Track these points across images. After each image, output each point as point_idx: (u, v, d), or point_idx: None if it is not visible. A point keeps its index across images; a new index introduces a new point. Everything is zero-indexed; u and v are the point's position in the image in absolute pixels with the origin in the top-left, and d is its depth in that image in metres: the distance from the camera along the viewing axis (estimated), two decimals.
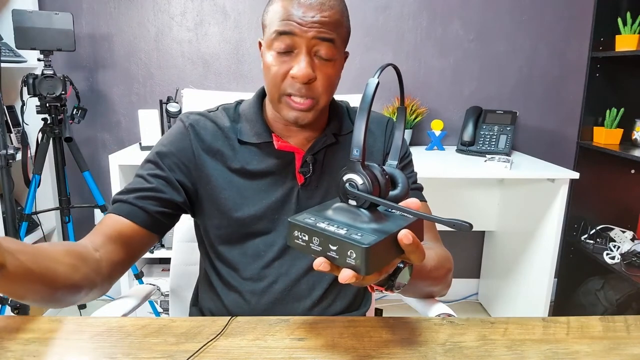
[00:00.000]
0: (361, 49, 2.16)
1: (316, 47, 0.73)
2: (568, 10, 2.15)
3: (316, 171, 0.84)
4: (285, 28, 0.72)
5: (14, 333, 0.65)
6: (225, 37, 2.14)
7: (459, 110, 2.22)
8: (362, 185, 0.56)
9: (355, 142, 0.55)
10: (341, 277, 0.52)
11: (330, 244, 0.52)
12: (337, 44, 0.75)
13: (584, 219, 2.23)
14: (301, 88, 0.74)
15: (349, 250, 0.51)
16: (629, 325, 0.72)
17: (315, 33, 0.72)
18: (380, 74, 0.55)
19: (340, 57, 0.78)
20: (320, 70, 0.75)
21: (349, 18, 0.79)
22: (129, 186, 0.80)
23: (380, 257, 0.53)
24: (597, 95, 2.15)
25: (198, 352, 0.62)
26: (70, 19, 1.75)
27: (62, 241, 1.57)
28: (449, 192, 2.19)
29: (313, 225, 0.54)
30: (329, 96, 0.78)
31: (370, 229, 0.54)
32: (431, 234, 0.87)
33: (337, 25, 0.74)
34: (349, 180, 0.56)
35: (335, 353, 0.62)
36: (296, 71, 0.73)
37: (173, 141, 0.82)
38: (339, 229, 0.53)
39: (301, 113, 0.76)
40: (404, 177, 0.63)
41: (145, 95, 2.17)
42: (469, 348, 0.65)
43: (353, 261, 0.51)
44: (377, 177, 0.56)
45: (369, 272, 0.51)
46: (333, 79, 0.77)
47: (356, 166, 0.56)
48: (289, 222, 0.56)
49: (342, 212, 0.57)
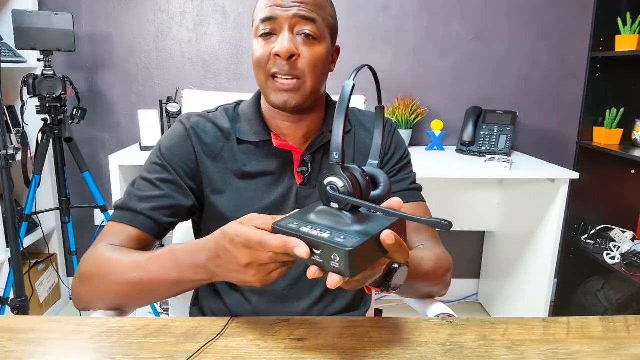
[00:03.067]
0: (361, 49, 2.16)
1: (298, 27, 0.75)
2: (568, 10, 2.15)
3: (314, 170, 0.84)
4: (268, 14, 0.75)
5: (14, 333, 0.65)
6: (225, 37, 2.14)
7: (459, 111, 2.22)
8: (342, 188, 0.56)
9: (334, 146, 0.55)
10: (329, 283, 0.52)
11: (314, 248, 0.53)
12: (319, 25, 0.76)
13: (584, 219, 2.23)
14: (284, 65, 0.75)
15: (332, 254, 0.51)
16: (629, 326, 0.72)
17: (296, 11, 0.74)
18: (356, 75, 0.56)
19: (325, 41, 0.78)
20: (303, 48, 0.76)
21: (334, 9, 0.82)
22: (139, 192, 0.79)
23: (365, 258, 0.53)
24: (597, 95, 2.15)
25: (198, 352, 0.62)
26: (70, 19, 1.75)
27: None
28: (449, 193, 2.19)
29: (296, 230, 0.55)
30: (315, 79, 0.77)
31: (353, 231, 0.54)
32: (430, 234, 0.87)
33: (318, 6, 0.77)
34: (330, 183, 0.57)
35: (335, 353, 0.62)
36: (278, 48, 0.74)
37: (176, 144, 0.82)
38: (322, 233, 0.53)
39: (288, 95, 0.76)
40: (386, 177, 0.63)
41: (145, 95, 2.17)
42: (469, 348, 0.65)
43: (337, 264, 0.51)
44: (358, 179, 0.57)
45: (353, 275, 0.51)
46: (317, 59, 0.77)
47: (336, 169, 0.56)
48: (272, 227, 0.56)
49: (325, 216, 0.57)
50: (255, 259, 0.57)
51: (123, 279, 0.70)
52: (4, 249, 1.81)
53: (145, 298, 0.73)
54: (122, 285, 0.70)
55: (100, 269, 0.72)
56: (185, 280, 0.68)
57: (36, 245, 2.12)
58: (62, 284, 2.27)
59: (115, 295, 0.72)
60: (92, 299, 0.74)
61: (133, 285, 0.70)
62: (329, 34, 0.80)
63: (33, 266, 2.05)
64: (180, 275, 0.67)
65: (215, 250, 0.62)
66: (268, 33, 0.76)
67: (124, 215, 0.78)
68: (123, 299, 0.73)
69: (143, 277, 0.69)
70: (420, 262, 0.74)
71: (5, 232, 1.75)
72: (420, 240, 0.86)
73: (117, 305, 0.74)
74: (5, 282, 1.81)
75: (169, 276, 0.68)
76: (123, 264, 0.71)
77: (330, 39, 0.81)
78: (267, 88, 0.78)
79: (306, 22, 0.75)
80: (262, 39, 0.77)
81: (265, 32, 0.76)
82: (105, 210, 1.89)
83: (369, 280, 0.58)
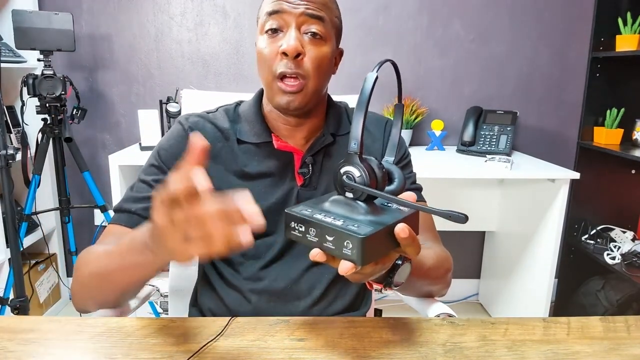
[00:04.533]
0: (361, 49, 2.16)
1: (305, 25, 0.75)
2: (568, 10, 2.15)
3: (315, 172, 0.84)
4: (275, 8, 0.74)
5: (14, 333, 0.65)
6: (225, 37, 2.14)
7: (459, 111, 2.22)
8: (359, 178, 0.56)
9: (354, 135, 0.55)
10: (341, 269, 0.52)
11: (327, 235, 0.53)
12: (326, 24, 0.76)
13: (584, 219, 2.23)
14: (290, 64, 0.74)
15: (345, 241, 0.51)
16: (629, 326, 0.72)
17: (303, 9, 0.74)
18: (379, 68, 0.55)
19: (330, 42, 0.78)
20: (309, 47, 0.75)
21: (339, 11, 0.82)
22: (136, 194, 0.79)
23: (376, 248, 0.53)
24: (598, 96, 2.15)
25: (198, 352, 0.62)
26: (70, 19, 1.75)
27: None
28: (449, 193, 2.19)
29: (310, 216, 0.54)
30: (318, 80, 0.77)
31: (367, 220, 0.54)
32: (430, 234, 0.87)
33: (325, 6, 0.76)
34: (346, 172, 0.57)
35: (335, 353, 0.62)
36: (285, 46, 0.74)
37: (174, 145, 0.82)
38: (336, 220, 0.53)
39: (291, 96, 0.76)
40: (401, 173, 0.63)
41: (145, 95, 2.17)
42: (470, 348, 0.65)
43: (349, 252, 0.51)
44: (375, 170, 0.57)
45: (364, 263, 0.51)
46: (322, 59, 0.77)
47: (354, 159, 0.56)
48: (285, 213, 0.56)
49: (339, 204, 0.57)
50: (166, 214, 0.48)
51: (92, 269, 0.70)
52: (4, 249, 1.81)
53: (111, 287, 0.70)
54: (90, 276, 0.70)
55: (91, 264, 0.72)
56: (132, 262, 0.63)
57: (36, 245, 2.12)
58: (62, 284, 2.27)
59: (102, 292, 0.71)
60: (82, 298, 0.74)
61: (98, 275, 0.69)
62: (335, 35, 0.80)
63: (33, 266, 2.05)
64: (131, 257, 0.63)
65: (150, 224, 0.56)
66: (274, 29, 0.75)
67: (120, 217, 0.78)
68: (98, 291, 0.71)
69: (106, 265, 0.67)
70: (421, 260, 0.74)
71: (5, 232, 1.75)
72: (421, 239, 0.85)
73: (107, 303, 0.74)
74: (5, 282, 1.81)
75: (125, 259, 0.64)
76: (96, 254, 0.71)
77: (335, 41, 0.81)
78: (272, 89, 0.78)
79: (314, 20, 0.75)
80: (267, 35, 0.76)
81: (272, 27, 0.75)
82: (105, 210, 1.89)
83: (376, 273, 0.58)
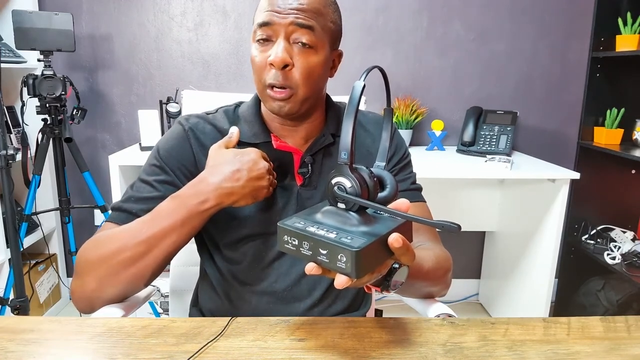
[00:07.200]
0: (361, 49, 2.16)
1: (295, 35, 0.74)
2: (568, 10, 2.15)
3: (315, 172, 0.84)
4: (265, 19, 0.74)
5: (14, 333, 0.65)
6: (225, 37, 2.14)
7: (459, 111, 2.22)
8: (350, 189, 0.56)
9: (343, 146, 0.55)
10: (337, 283, 0.53)
11: (320, 248, 0.53)
12: (317, 33, 0.75)
13: (584, 219, 2.23)
14: (278, 75, 0.74)
15: (339, 254, 0.51)
16: (629, 326, 0.72)
17: (293, 19, 0.73)
18: (366, 76, 0.56)
19: (322, 49, 0.77)
20: (298, 58, 0.75)
21: (338, 14, 0.80)
22: (136, 194, 0.79)
23: (371, 259, 0.53)
24: (598, 95, 2.15)
25: (198, 352, 0.62)
26: (70, 20, 1.75)
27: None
28: (450, 193, 2.19)
29: (302, 229, 0.54)
30: (309, 88, 0.77)
31: (360, 232, 0.54)
32: (430, 234, 0.87)
33: (317, 13, 0.75)
34: (338, 183, 0.57)
35: (335, 354, 0.62)
36: (272, 57, 0.73)
37: (174, 145, 0.82)
38: (329, 233, 0.53)
39: (280, 103, 0.77)
40: (393, 179, 0.63)
41: (145, 95, 2.17)
42: (470, 349, 0.64)
43: (344, 265, 0.51)
44: (366, 180, 0.57)
45: (359, 276, 0.51)
46: (312, 69, 0.76)
47: (344, 169, 0.56)
48: (278, 226, 0.56)
49: (332, 216, 0.57)
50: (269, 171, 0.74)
51: (133, 241, 0.71)
52: (4, 249, 1.81)
53: (157, 255, 0.72)
54: (133, 248, 0.71)
55: (104, 247, 0.72)
56: (192, 212, 0.72)
57: (36, 246, 2.12)
58: (62, 284, 2.27)
59: (126, 267, 0.71)
60: (101, 286, 0.73)
61: (143, 243, 0.71)
62: (329, 41, 0.78)
63: (33, 266, 2.05)
64: (187, 209, 0.71)
65: (209, 164, 0.74)
66: (265, 39, 0.75)
67: (119, 216, 0.78)
68: (135, 267, 0.72)
69: (151, 231, 0.71)
70: (420, 262, 0.74)
71: (5, 233, 1.75)
72: (421, 240, 0.86)
73: (129, 283, 0.73)
74: (5, 283, 1.81)
75: (175, 216, 0.71)
76: (127, 231, 0.73)
77: (330, 45, 0.79)
78: (263, 96, 0.79)
79: (304, 30, 0.74)
80: (259, 44, 0.76)
81: (262, 37, 0.75)
82: (105, 211, 1.89)
83: (372, 279, 0.58)
